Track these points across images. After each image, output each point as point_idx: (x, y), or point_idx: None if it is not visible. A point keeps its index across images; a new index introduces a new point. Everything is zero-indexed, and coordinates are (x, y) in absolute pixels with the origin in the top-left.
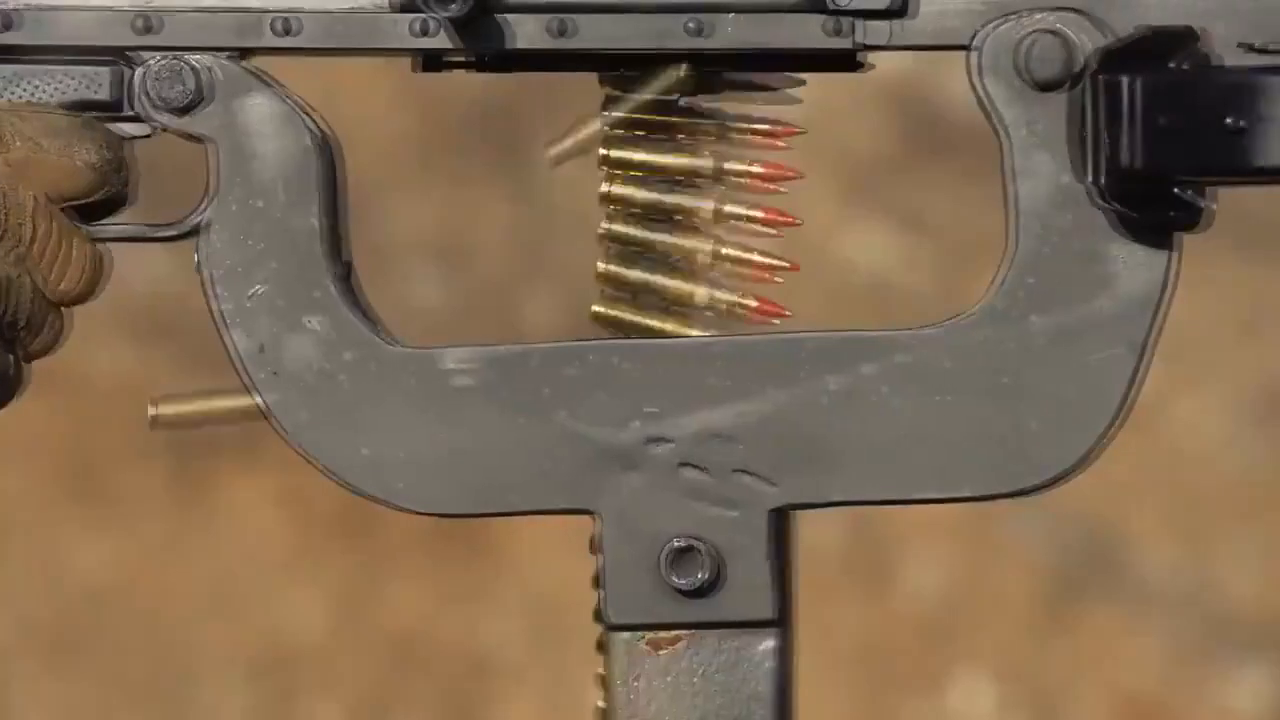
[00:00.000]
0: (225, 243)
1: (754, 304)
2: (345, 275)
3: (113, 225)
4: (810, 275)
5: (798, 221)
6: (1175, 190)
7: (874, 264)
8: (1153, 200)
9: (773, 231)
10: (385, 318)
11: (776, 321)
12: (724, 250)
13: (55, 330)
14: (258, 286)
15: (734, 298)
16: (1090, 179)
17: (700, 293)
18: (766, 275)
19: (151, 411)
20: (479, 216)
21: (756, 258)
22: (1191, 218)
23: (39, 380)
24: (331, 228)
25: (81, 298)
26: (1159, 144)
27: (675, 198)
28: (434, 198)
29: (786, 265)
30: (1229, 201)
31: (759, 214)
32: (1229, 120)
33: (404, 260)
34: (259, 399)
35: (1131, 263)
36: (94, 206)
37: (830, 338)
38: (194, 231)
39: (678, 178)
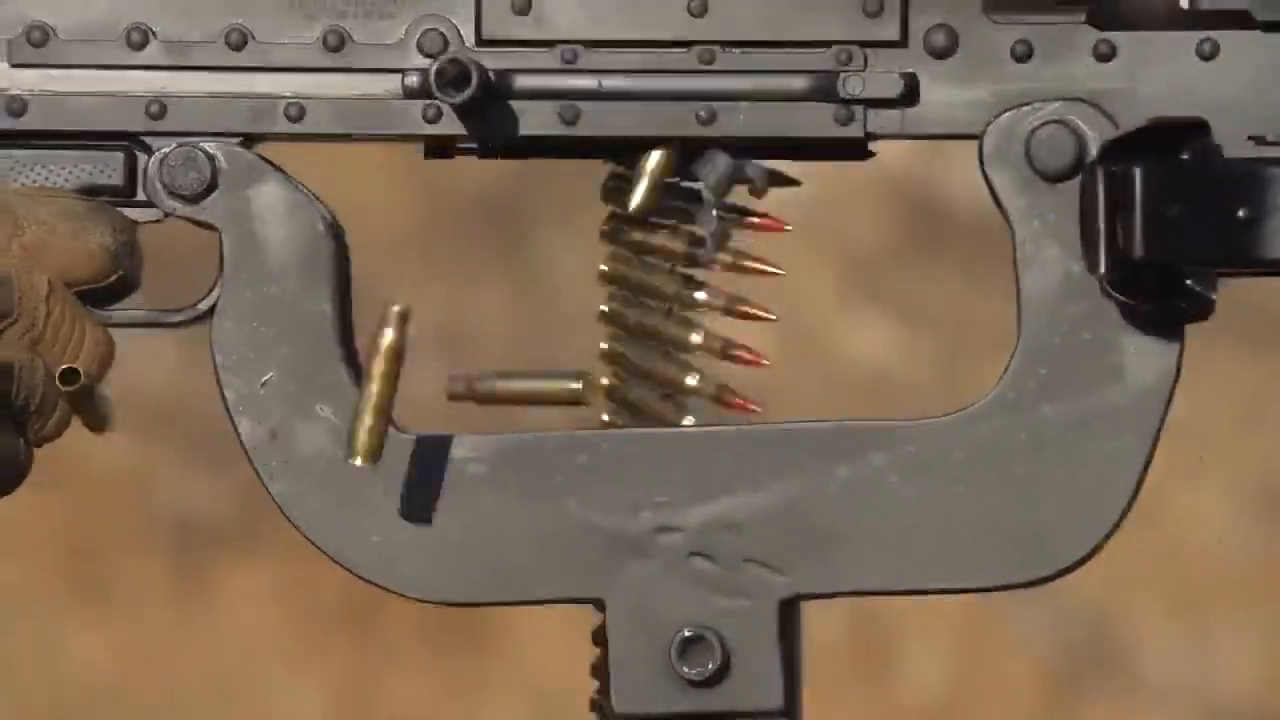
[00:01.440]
0: (236, 329)
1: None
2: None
3: (123, 310)
4: (809, 366)
5: (787, 227)
6: (1187, 281)
7: (873, 356)
8: (1163, 291)
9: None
10: None
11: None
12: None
13: (64, 415)
14: (269, 373)
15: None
16: (1100, 269)
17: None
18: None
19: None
20: (481, 306)
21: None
22: (1201, 308)
23: (40, 471)
24: (342, 314)
25: (92, 383)
26: (1169, 234)
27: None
28: (436, 288)
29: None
30: (1230, 295)
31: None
32: (1239, 211)
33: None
34: (267, 488)
35: (1142, 353)
36: (102, 291)
37: (840, 428)
38: (204, 317)
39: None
